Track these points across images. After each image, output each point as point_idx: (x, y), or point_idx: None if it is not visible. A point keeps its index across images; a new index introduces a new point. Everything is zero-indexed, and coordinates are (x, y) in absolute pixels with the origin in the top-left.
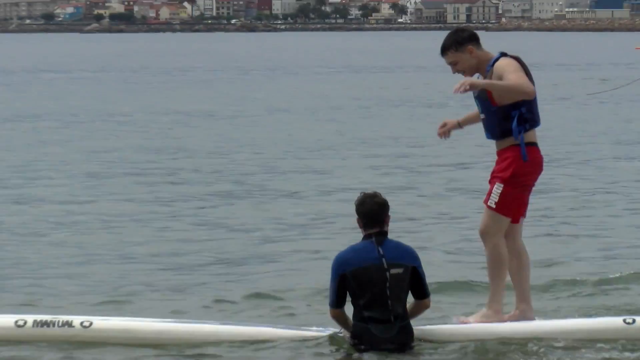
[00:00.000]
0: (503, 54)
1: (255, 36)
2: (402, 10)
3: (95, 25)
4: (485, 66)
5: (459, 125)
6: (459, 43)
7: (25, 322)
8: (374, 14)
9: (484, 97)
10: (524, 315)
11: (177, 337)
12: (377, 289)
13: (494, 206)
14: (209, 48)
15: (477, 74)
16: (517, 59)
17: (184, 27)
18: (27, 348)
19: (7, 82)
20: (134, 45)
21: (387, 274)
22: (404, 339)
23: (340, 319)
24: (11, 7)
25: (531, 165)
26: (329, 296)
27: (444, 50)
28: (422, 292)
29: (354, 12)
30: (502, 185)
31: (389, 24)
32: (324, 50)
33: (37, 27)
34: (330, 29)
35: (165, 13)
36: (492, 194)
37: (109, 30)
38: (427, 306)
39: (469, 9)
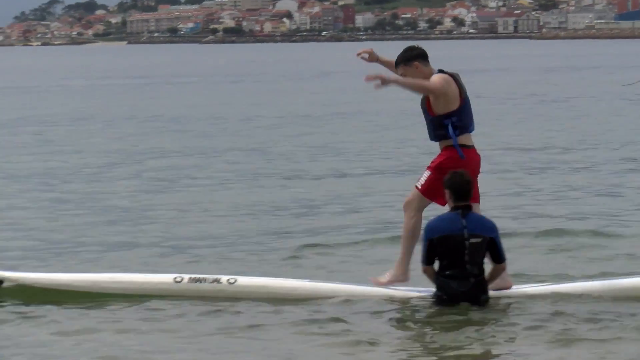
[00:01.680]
0: (440, 70)
1: (341, 45)
2: (461, 22)
3: (211, 37)
4: (429, 79)
5: (378, 60)
6: (407, 59)
7: (182, 279)
8: (438, 26)
9: (424, 106)
10: (402, 276)
11: (308, 293)
12: (458, 254)
13: (419, 187)
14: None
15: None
16: (452, 75)
17: (283, 39)
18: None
19: (144, 84)
20: (246, 55)
21: (467, 242)
22: (477, 293)
23: (429, 273)
24: (142, 23)
25: (465, 163)
26: (421, 255)
27: (396, 64)
28: (498, 258)
29: (422, 24)
30: (429, 172)
31: (450, 34)
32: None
33: (163, 39)
34: (403, 39)
35: (268, 27)
36: (421, 178)
37: (222, 42)
38: (503, 269)
39: (515, 22)
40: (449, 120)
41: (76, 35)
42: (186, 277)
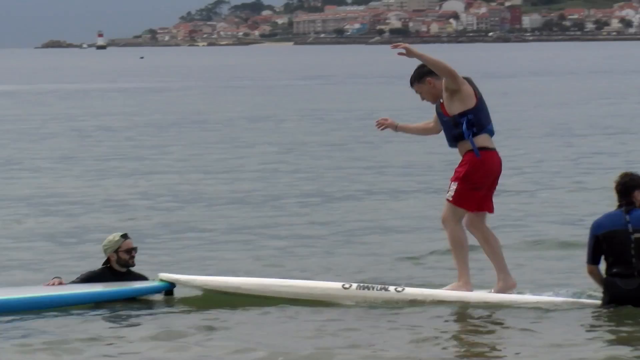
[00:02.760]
0: None
1: (508, 46)
2: (628, 24)
3: (377, 38)
4: (441, 93)
5: (396, 128)
6: (420, 76)
7: (350, 286)
8: (605, 27)
9: (439, 110)
10: (505, 284)
11: (475, 302)
12: (623, 250)
13: (451, 199)
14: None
15: (440, 99)
16: (466, 78)
17: (450, 39)
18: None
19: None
20: None
21: (632, 237)
22: None
23: (594, 274)
24: (308, 23)
25: (482, 165)
26: (587, 254)
27: (411, 84)
28: None
29: (589, 25)
30: (456, 183)
31: (618, 35)
32: (574, 59)
33: (329, 40)
34: (570, 40)
35: (434, 28)
36: (449, 190)
37: (389, 42)
38: None
39: None
40: (464, 118)
41: (242, 35)
42: (354, 284)
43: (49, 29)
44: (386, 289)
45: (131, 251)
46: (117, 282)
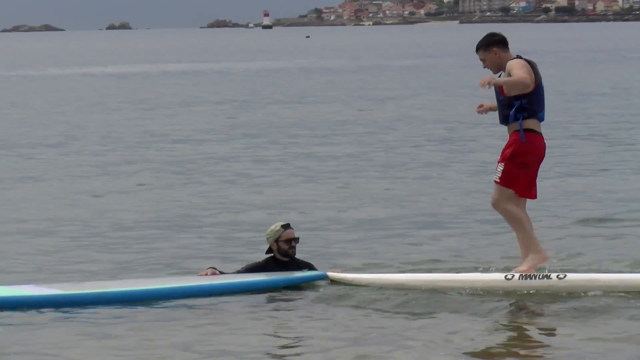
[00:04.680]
0: (518, 56)
1: None
2: None
3: (543, 16)
4: (505, 64)
5: (491, 109)
6: (487, 45)
7: (513, 276)
8: None
9: (496, 88)
10: (535, 259)
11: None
12: None
13: (498, 180)
14: None
15: (501, 71)
16: (529, 61)
17: (616, 18)
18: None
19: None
20: (577, 34)
21: None
22: None
23: None
24: (474, 2)
25: (529, 146)
26: None
27: (477, 49)
28: None
29: None
30: (503, 164)
31: None
32: None
33: (495, 19)
34: None
35: (600, 6)
36: (497, 172)
37: (555, 21)
38: None
39: None
40: (519, 102)
41: (408, 14)
42: (516, 274)
43: (214, 8)
44: (548, 277)
45: (291, 241)
46: (278, 272)
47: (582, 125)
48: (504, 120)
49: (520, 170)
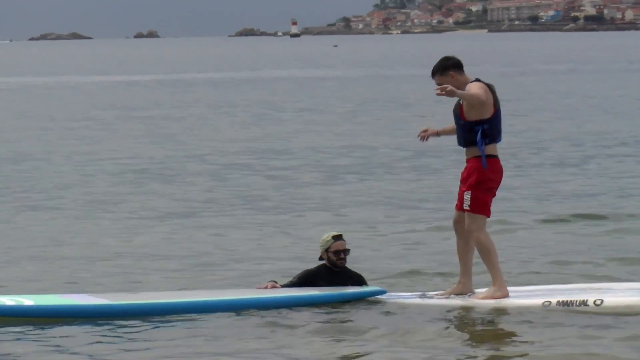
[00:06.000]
0: (477, 79)
1: None
2: None
3: (571, 25)
4: (464, 87)
5: (437, 134)
6: (443, 69)
7: (550, 303)
8: None
9: (457, 112)
10: (465, 287)
11: None
12: None
13: (469, 208)
14: None
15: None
16: (488, 85)
17: None
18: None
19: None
20: (607, 42)
21: None
22: None
23: None
24: (503, 11)
25: (491, 172)
26: None
27: (433, 74)
28: None
29: None
30: (470, 192)
31: None
32: None
33: (523, 27)
34: None
35: (629, 15)
36: (464, 200)
37: (583, 29)
38: None
39: None
40: (480, 127)
41: (436, 23)
42: (554, 300)
43: (243, 17)
44: (585, 304)
45: (340, 253)
46: (330, 286)
47: None
48: (464, 143)
49: (487, 195)
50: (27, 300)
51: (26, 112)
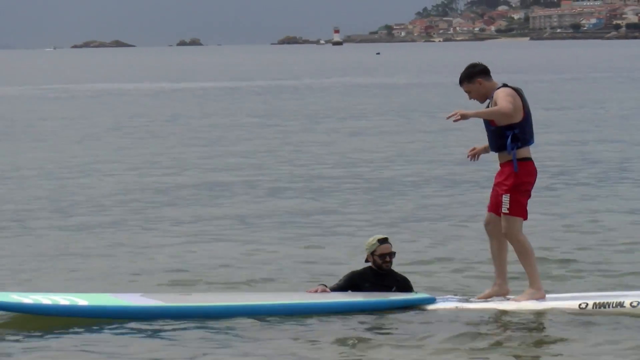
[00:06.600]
0: (504, 85)
1: None
2: None
3: (613, 33)
4: (491, 93)
5: (486, 150)
6: (470, 76)
7: (587, 305)
8: None
9: (486, 120)
10: (501, 288)
11: None
12: None
13: (507, 212)
14: None
15: (488, 100)
16: (516, 89)
17: None
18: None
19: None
20: None
21: None
22: None
23: None
24: (545, 19)
25: (525, 175)
26: None
27: (460, 82)
28: None
29: None
30: (508, 195)
31: None
32: None
33: (565, 35)
34: None
35: None
36: (503, 204)
37: (625, 37)
38: None
39: None
40: (511, 132)
41: (478, 31)
42: (590, 302)
43: (285, 25)
44: (622, 305)
45: (385, 256)
46: (377, 292)
47: None
48: (496, 148)
49: (524, 197)
50: (81, 300)
51: (74, 119)
